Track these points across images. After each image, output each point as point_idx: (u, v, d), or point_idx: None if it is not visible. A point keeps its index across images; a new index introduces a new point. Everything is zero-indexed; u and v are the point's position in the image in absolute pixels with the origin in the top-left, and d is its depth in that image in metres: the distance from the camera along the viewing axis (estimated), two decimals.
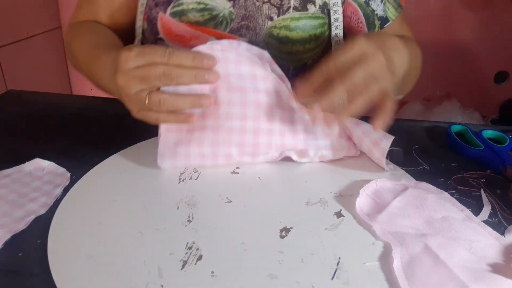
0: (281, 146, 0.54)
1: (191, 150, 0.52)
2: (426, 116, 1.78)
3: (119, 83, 0.48)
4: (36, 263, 0.39)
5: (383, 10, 0.71)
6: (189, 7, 0.66)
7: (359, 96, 0.46)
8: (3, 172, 0.51)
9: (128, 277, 0.37)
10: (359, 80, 0.46)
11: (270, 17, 0.67)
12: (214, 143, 0.52)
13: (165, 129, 0.52)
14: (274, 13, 0.67)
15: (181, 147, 0.52)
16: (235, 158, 0.53)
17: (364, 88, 0.46)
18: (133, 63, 0.47)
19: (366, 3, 0.70)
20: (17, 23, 1.57)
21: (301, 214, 0.46)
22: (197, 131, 0.52)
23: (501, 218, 0.47)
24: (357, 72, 0.46)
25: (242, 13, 0.67)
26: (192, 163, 0.53)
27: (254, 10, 0.67)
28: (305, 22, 0.68)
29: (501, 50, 1.82)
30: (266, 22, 0.68)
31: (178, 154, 0.52)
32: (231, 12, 0.67)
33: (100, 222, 0.44)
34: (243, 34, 0.68)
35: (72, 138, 0.61)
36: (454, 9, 1.77)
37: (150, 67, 0.47)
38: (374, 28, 0.72)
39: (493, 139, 0.62)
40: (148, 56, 0.47)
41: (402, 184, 0.50)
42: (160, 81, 0.47)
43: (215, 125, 0.52)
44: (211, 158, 0.53)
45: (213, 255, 0.40)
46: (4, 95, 0.76)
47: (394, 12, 0.72)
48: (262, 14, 0.67)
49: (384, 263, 0.40)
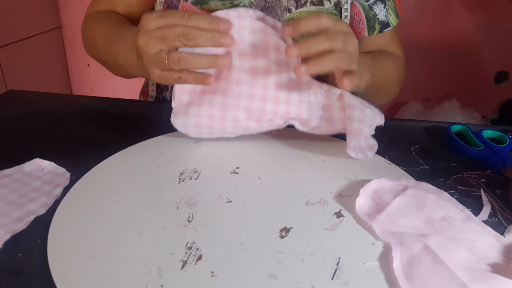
0: (286, 114, 0.55)
1: (202, 110, 0.55)
2: (426, 116, 1.78)
3: (140, 44, 0.51)
4: (36, 263, 0.39)
5: (385, 15, 0.74)
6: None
7: (333, 55, 0.49)
8: (3, 172, 0.51)
9: (128, 277, 0.37)
10: (341, 46, 0.49)
11: (288, 9, 0.69)
12: (223, 106, 0.55)
13: (179, 90, 0.56)
14: (292, 5, 0.69)
15: (193, 106, 0.55)
16: (241, 122, 0.56)
17: (341, 52, 0.49)
18: (154, 24, 0.50)
19: (369, 7, 0.73)
20: (17, 23, 1.57)
21: (301, 214, 0.46)
22: (208, 94, 0.55)
23: (501, 218, 0.47)
24: (343, 39, 0.49)
25: (262, 4, 0.69)
26: (202, 123, 0.56)
27: (273, 2, 0.69)
28: None
29: (501, 50, 1.82)
30: (284, 13, 0.70)
31: (190, 113, 0.56)
32: (251, 2, 0.69)
33: (100, 222, 0.44)
34: None
35: (72, 138, 0.61)
36: (454, 9, 1.77)
37: (169, 28, 0.50)
38: (374, 31, 0.74)
39: (493, 139, 0.62)
40: (168, 18, 0.50)
41: (402, 184, 0.50)
42: (178, 41, 0.50)
43: (225, 89, 0.54)
44: (220, 120, 0.55)
45: (213, 255, 0.40)
46: (4, 95, 0.76)
47: (396, 19, 0.75)
48: (281, 5, 0.69)
49: (384, 263, 0.40)
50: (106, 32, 0.68)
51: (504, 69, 1.88)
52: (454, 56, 1.85)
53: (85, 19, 0.77)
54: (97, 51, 0.72)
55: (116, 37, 0.65)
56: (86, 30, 0.75)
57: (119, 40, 0.64)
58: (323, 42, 0.49)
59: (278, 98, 0.54)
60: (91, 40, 0.72)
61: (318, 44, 0.49)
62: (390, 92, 0.76)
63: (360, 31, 0.75)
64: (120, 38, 0.63)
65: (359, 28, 0.75)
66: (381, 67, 0.68)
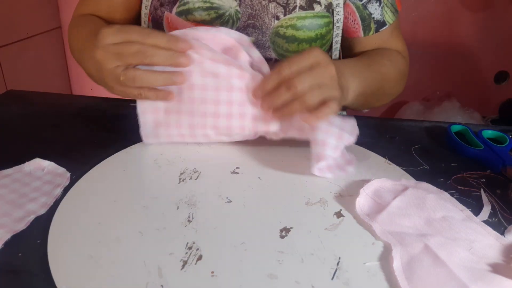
0: (254, 128, 0.55)
1: (171, 131, 0.56)
2: (426, 116, 1.78)
3: (97, 58, 0.51)
4: (36, 263, 0.39)
5: (380, 14, 0.71)
6: (195, 6, 0.67)
7: (297, 101, 0.50)
8: (3, 172, 0.51)
9: (128, 277, 0.37)
10: (303, 88, 0.49)
11: (276, 16, 0.68)
12: (190, 125, 0.55)
13: (142, 111, 0.55)
14: (280, 12, 0.68)
15: (161, 128, 0.56)
16: (212, 137, 0.56)
17: (305, 95, 0.49)
18: (111, 39, 0.50)
19: (363, 6, 0.70)
20: (17, 23, 1.57)
21: (301, 214, 0.46)
22: (174, 114, 0.55)
23: (501, 218, 0.47)
24: (304, 80, 0.49)
25: (249, 12, 0.68)
26: (175, 140, 0.57)
27: (260, 9, 0.68)
28: (311, 21, 0.68)
29: (501, 50, 1.82)
30: (272, 21, 0.68)
31: (160, 134, 0.56)
32: (237, 11, 0.67)
33: (100, 222, 0.44)
34: (250, 33, 0.68)
35: (72, 138, 0.61)
36: (454, 9, 1.77)
37: (126, 44, 0.50)
38: (370, 31, 0.72)
39: (493, 139, 0.62)
40: (126, 34, 0.50)
41: (402, 184, 0.50)
42: (135, 58, 0.50)
43: (191, 109, 0.54)
44: (190, 137, 0.56)
45: (213, 255, 0.40)
46: (4, 95, 0.76)
47: (392, 17, 0.73)
48: (269, 13, 0.68)
49: (384, 263, 0.40)
50: (81, 41, 0.67)
51: (504, 69, 1.88)
52: (454, 56, 1.85)
53: (70, 22, 0.76)
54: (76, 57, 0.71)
55: (86, 49, 0.63)
56: (69, 34, 0.74)
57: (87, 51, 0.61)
58: (285, 94, 0.50)
59: (243, 114, 0.54)
60: (70, 44, 0.72)
61: (281, 97, 0.50)
62: (391, 92, 0.74)
63: (355, 31, 0.73)
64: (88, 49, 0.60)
65: (354, 28, 0.73)
66: (376, 72, 0.66)
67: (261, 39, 0.69)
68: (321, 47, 0.71)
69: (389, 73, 0.70)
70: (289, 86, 0.50)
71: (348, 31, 0.73)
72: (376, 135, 0.64)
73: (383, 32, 0.73)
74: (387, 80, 0.69)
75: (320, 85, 0.50)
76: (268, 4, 0.67)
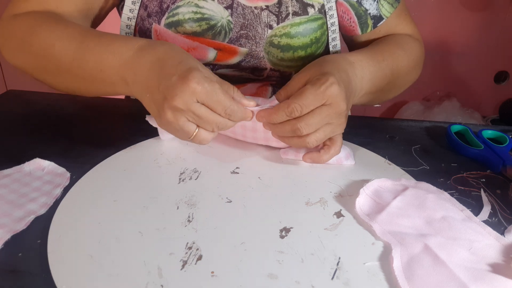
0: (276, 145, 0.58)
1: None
2: (426, 116, 1.79)
3: (174, 105, 0.45)
4: (36, 263, 0.39)
5: (376, 8, 0.69)
6: (185, 17, 0.64)
7: (301, 141, 0.51)
8: (3, 172, 0.51)
9: (128, 277, 0.37)
10: (313, 125, 0.49)
11: (269, 25, 0.66)
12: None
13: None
14: (273, 20, 0.66)
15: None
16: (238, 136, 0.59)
17: (309, 136, 0.50)
18: (197, 97, 0.45)
19: (358, 3, 0.69)
20: None
21: (301, 214, 0.46)
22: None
23: (501, 218, 0.47)
24: (311, 125, 0.49)
25: (241, 22, 0.66)
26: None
27: (252, 18, 0.66)
28: (305, 27, 0.67)
29: (501, 50, 1.82)
30: (265, 30, 0.66)
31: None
32: (229, 21, 0.65)
33: (100, 222, 0.44)
34: (243, 44, 0.67)
35: (72, 138, 0.61)
36: (454, 9, 1.78)
37: (212, 113, 0.47)
38: (367, 28, 0.71)
39: (493, 139, 0.62)
40: (214, 104, 0.46)
41: (402, 184, 0.50)
42: (212, 127, 0.48)
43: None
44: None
45: (213, 255, 0.40)
46: (4, 95, 0.76)
47: (390, 9, 0.70)
48: (261, 22, 0.66)
49: (384, 263, 0.40)
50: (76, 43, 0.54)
51: (504, 69, 1.89)
52: (454, 56, 1.86)
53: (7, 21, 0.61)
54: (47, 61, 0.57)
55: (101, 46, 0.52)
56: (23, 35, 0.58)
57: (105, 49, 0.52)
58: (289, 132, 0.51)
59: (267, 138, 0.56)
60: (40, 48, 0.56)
61: (286, 133, 0.51)
62: (405, 83, 0.71)
63: (352, 29, 0.71)
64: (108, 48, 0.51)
65: (350, 26, 0.71)
66: (387, 68, 0.63)
67: (254, 49, 0.67)
68: (316, 50, 0.70)
69: (402, 65, 0.66)
70: (294, 129, 0.50)
71: (345, 29, 0.73)
72: (376, 135, 0.65)
73: (382, 26, 0.71)
74: (400, 73, 0.66)
75: (327, 124, 0.51)
76: (261, 12, 0.66)
